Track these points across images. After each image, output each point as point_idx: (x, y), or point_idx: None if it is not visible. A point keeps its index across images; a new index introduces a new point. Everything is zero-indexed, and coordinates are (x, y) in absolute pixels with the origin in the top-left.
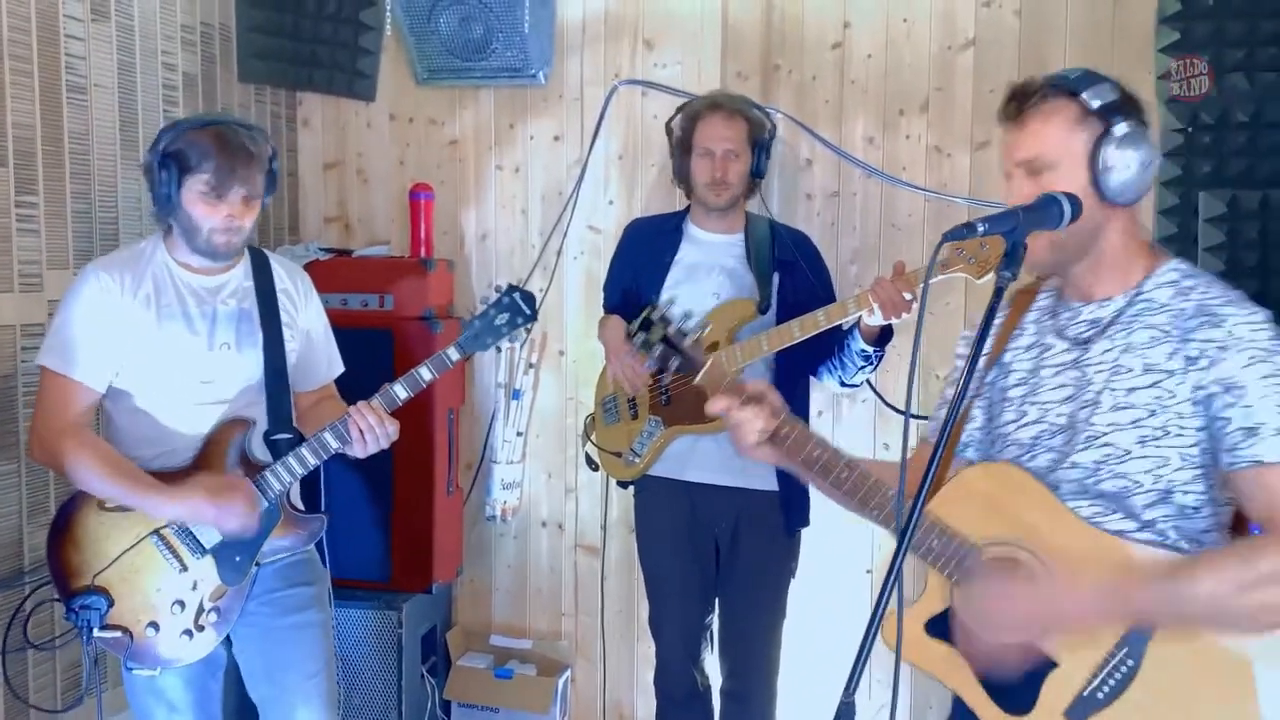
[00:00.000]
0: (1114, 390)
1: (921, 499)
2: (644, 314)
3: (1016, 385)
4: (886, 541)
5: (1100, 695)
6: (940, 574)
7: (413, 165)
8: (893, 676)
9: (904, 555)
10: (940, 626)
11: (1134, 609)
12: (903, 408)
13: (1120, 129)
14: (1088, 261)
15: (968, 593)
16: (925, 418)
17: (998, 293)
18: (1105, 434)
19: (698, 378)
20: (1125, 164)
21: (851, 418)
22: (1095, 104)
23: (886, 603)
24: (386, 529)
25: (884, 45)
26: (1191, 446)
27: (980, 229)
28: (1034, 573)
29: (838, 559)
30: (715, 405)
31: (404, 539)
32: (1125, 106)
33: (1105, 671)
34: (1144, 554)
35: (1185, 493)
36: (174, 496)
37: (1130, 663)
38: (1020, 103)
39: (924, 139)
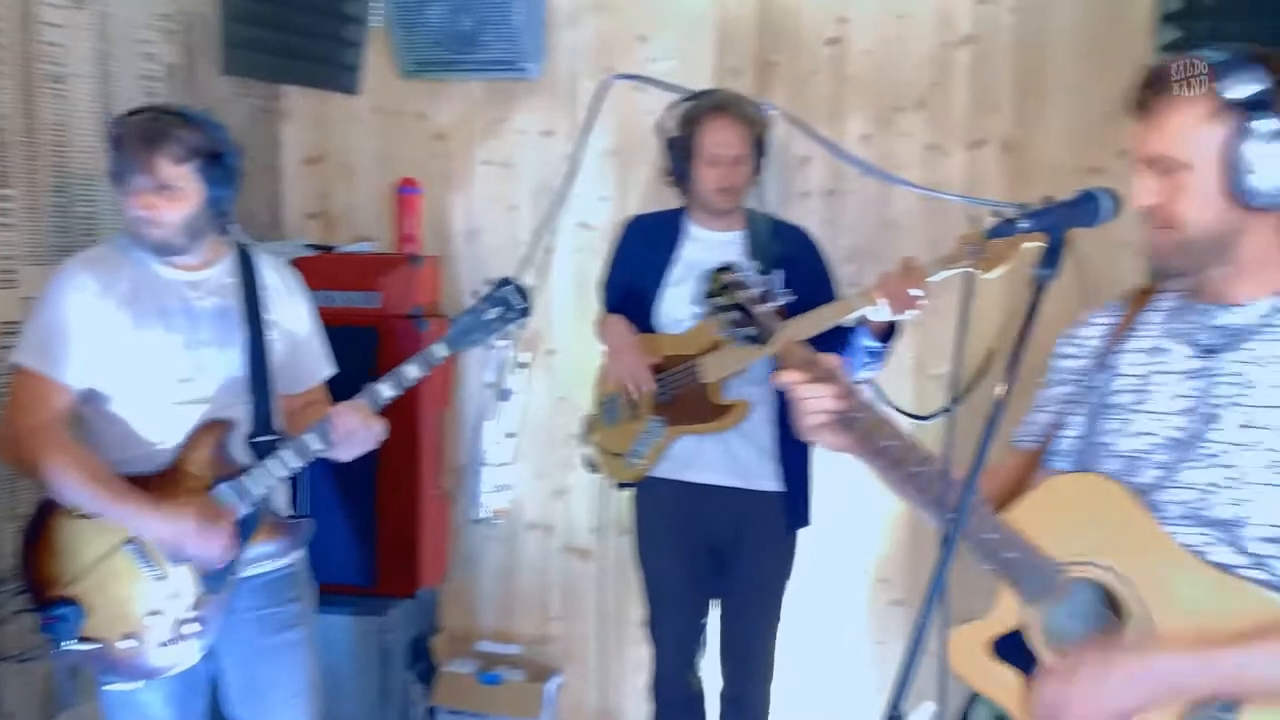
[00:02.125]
0: (1242, 406)
1: (965, 505)
2: (718, 279)
3: (1125, 392)
4: (885, 540)
5: None
6: (1013, 589)
7: (398, 160)
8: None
9: (946, 567)
10: (1008, 647)
11: (1220, 685)
12: (905, 409)
13: (1265, 124)
14: (1224, 268)
15: (1040, 692)
16: (925, 418)
17: (1037, 291)
18: (1226, 453)
19: (771, 348)
20: (1269, 164)
21: None
22: (1235, 95)
23: (931, 615)
24: (371, 533)
25: (880, 41)
26: None
27: (1023, 225)
28: (1102, 665)
29: (834, 559)
30: (786, 377)
31: (389, 543)
32: (1277, 96)
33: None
34: (1250, 595)
35: None
36: (161, 514)
37: (1226, 716)
38: (1152, 90)
39: (920, 136)
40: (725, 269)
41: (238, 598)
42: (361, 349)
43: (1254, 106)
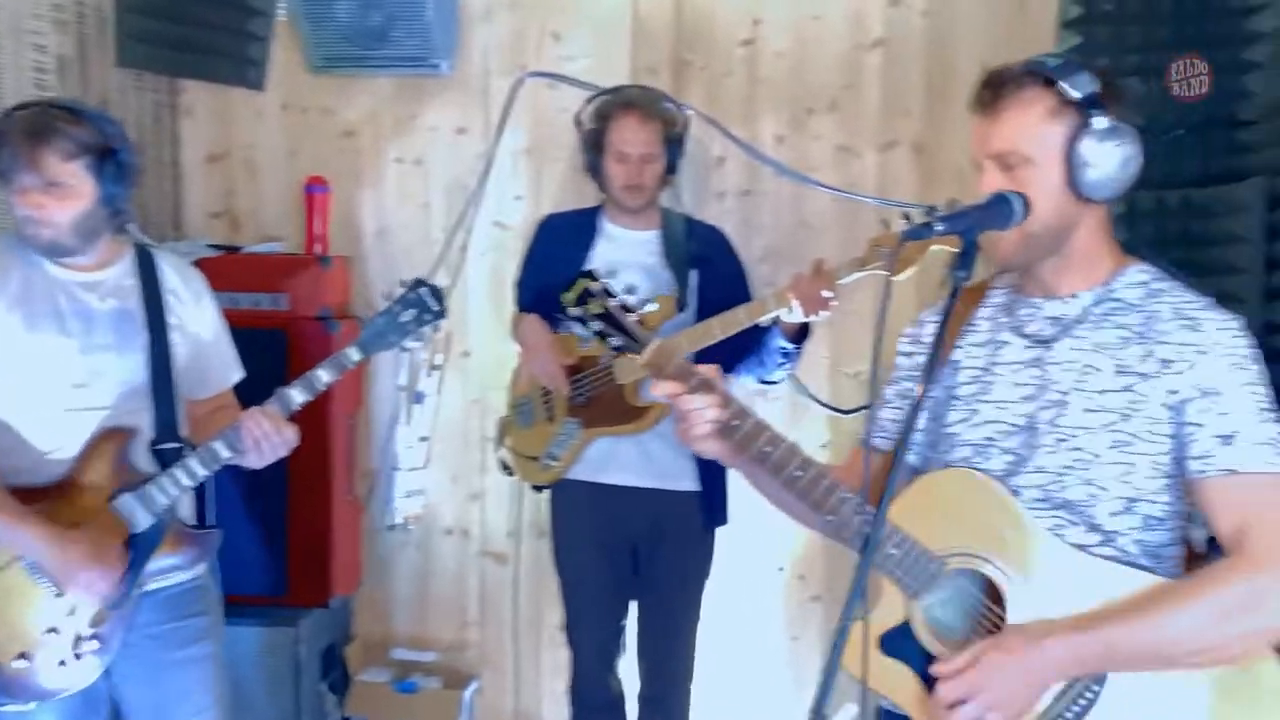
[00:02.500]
0: (1083, 391)
1: (884, 507)
2: (579, 285)
3: (967, 384)
4: (802, 537)
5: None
6: (897, 585)
7: (306, 157)
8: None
9: (868, 568)
10: (895, 642)
11: (1112, 659)
12: (825, 401)
13: (1100, 122)
14: (1056, 259)
15: (940, 692)
16: (846, 411)
17: (953, 293)
18: (1075, 437)
19: (643, 358)
20: (1103, 160)
21: (767, 416)
22: (1074, 94)
23: (851, 621)
24: (281, 541)
25: (794, 43)
26: (1163, 454)
27: (938, 228)
28: (1000, 655)
29: (751, 557)
30: (662, 389)
31: (300, 551)
32: (1108, 98)
33: (1068, 698)
34: (1111, 573)
35: (1152, 502)
36: (50, 544)
37: (1095, 688)
38: (994, 90)
39: (833, 138)
40: (587, 275)
41: (140, 613)
42: (270, 352)
43: (1090, 105)
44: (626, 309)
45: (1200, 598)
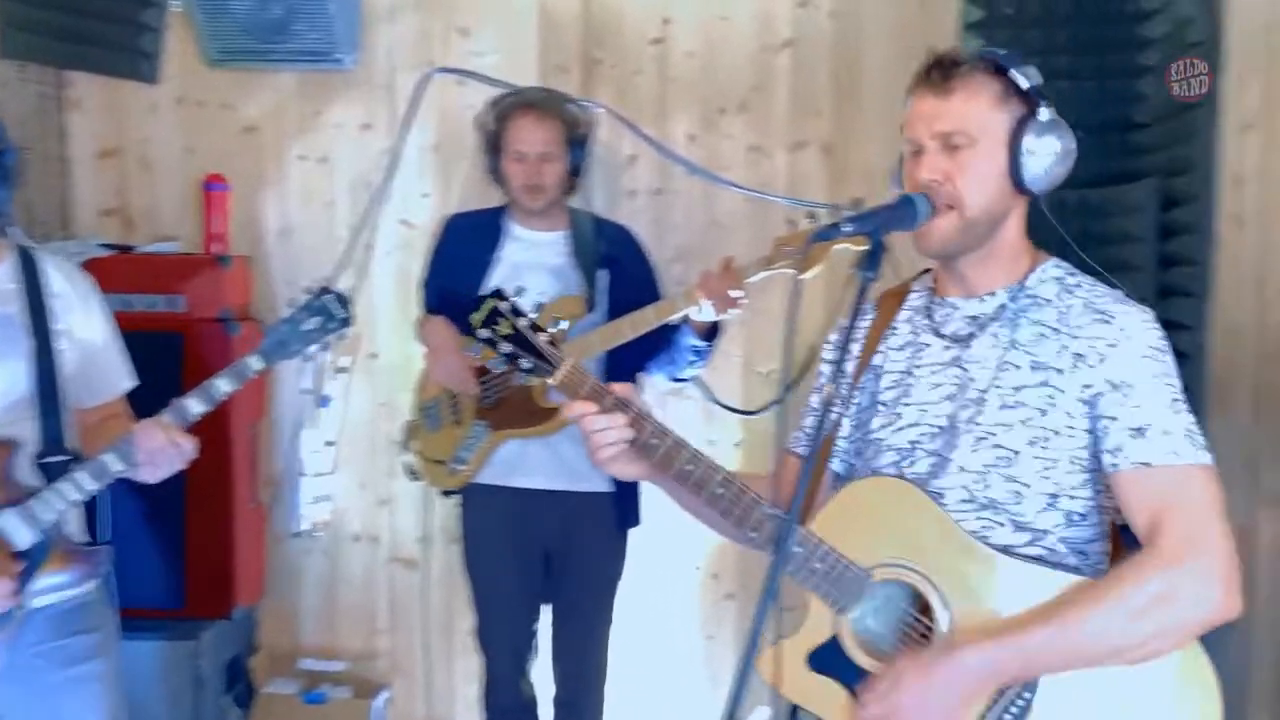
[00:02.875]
0: (1000, 388)
1: (794, 514)
2: (488, 305)
3: (889, 388)
4: (716, 536)
5: None
6: (824, 601)
7: (204, 154)
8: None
9: (779, 577)
10: (825, 659)
11: (1030, 664)
12: (731, 405)
13: (1045, 114)
14: (982, 251)
15: (866, 710)
16: (752, 413)
17: (860, 293)
18: (994, 434)
19: (555, 378)
20: (1045, 151)
21: (679, 416)
22: (1023, 83)
23: (761, 632)
24: (179, 552)
25: (704, 43)
26: (1081, 448)
27: (846, 229)
28: (916, 674)
29: (665, 556)
30: (574, 410)
31: (200, 562)
32: (1046, 93)
33: (1000, 706)
34: (1034, 575)
35: (1073, 498)
36: None
37: (1027, 695)
38: (945, 71)
39: (743, 138)
40: (497, 295)
41: (25, 632)
42: (166, 357)
43: (1038, 95)
44: (536, 328)
45: (1115, 597)
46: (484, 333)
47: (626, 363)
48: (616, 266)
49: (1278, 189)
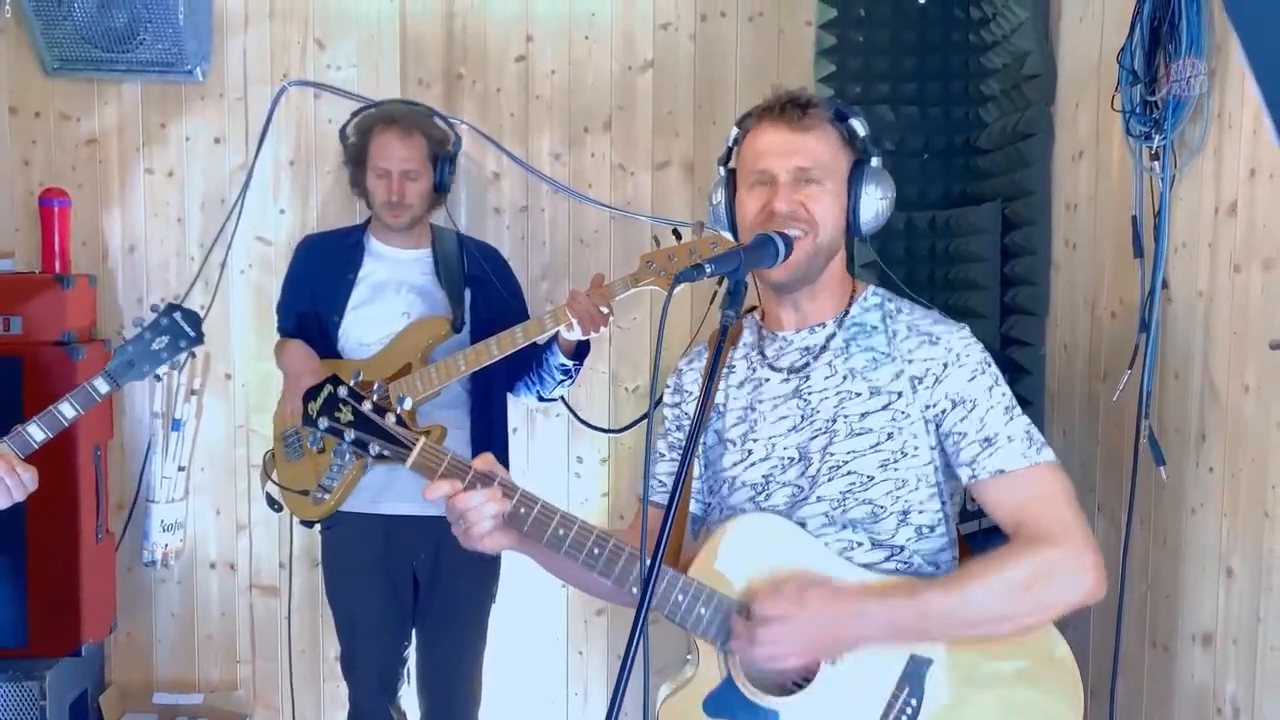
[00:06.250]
0: (848, 417)
1: (658, 562)
2: (325, 393)
3: (735, 425)
4: None
5: None
6: (711, 645)
7: (41, 167)
8: None
9: (644, 623)
10: (719, 702)
11: (927, 628)
12: (595, 424)
13: (875, 162)
14: (816, 284)
15: (748, 626)
16: (617, 431)
17: (723, 331)
18: (847, 462)
19: (410, 460)
20: (876, 195)
21: (546, 433)
22: (861, 131)
23: (627, 682)
24: (20, 586)
25: (567, 62)
26: (926, 465)
27: (708, 270)
28: (824, 599)
29: (532, 572)
30: (436, 492)
31: (43, 596)
32: (876, 144)
33: (892, 713)
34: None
35: (921, 512)
36: None
37: (914, 701)
38: (804, 109)
39: (608, 157)
40: (333, 381)
41: None
42: (4, 382)
43: (869, 144)
44: (381, 409)
45: (998, 573)
46: (325, 422)
47: (493, 384)
48: (482, 285)
49: (1107, 214)
